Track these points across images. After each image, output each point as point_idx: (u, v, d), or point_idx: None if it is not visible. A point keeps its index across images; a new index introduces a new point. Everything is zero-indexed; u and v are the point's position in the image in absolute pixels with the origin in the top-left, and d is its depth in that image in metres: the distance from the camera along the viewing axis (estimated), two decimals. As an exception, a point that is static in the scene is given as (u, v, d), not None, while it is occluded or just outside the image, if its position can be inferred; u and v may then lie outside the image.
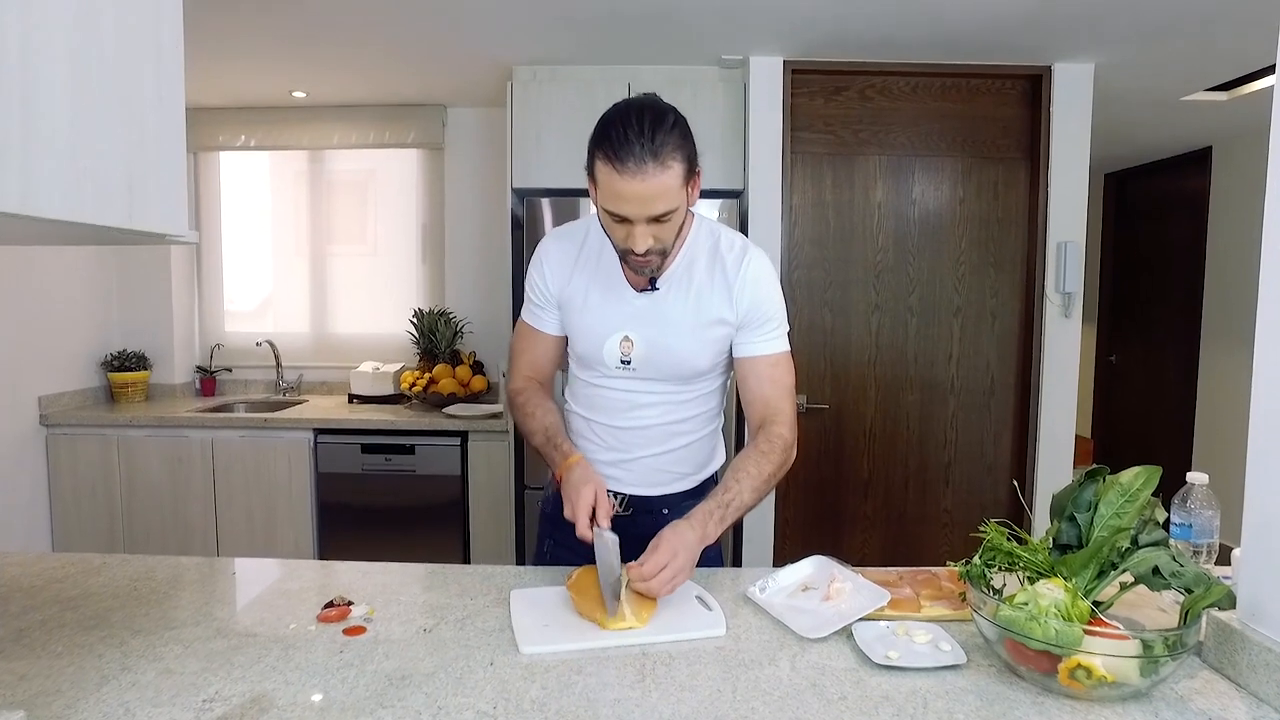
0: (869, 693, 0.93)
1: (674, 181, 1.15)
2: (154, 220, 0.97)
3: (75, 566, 1.32)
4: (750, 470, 1.26)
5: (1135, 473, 1.06)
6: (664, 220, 1.18)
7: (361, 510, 3.14)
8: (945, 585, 1.23)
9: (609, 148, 1.13)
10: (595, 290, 1.35)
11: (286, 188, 3.88)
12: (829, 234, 3.04)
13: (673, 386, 1.37)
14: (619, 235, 1.22)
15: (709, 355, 1.34)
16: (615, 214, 1.18)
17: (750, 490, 1.25)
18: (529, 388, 1.43)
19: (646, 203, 1.15)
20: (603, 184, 1.17)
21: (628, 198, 1.15)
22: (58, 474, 3.20)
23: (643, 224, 1.17)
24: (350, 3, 2.46)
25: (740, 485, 1.24)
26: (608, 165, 1.14)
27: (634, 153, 1.11)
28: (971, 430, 3.09)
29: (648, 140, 1.12)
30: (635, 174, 1.12)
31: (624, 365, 1.34)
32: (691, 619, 1.12)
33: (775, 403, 1.33)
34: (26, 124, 0.76)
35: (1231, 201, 4.11)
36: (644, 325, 1.32)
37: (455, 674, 0.96)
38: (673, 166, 1.14)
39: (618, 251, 1.27)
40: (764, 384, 1.34)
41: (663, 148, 1.13)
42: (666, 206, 1.16)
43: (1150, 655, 0.86)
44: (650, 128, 1.12)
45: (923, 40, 2.72)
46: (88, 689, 0.91)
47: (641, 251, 1.20)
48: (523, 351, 1.46)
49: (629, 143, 1.12)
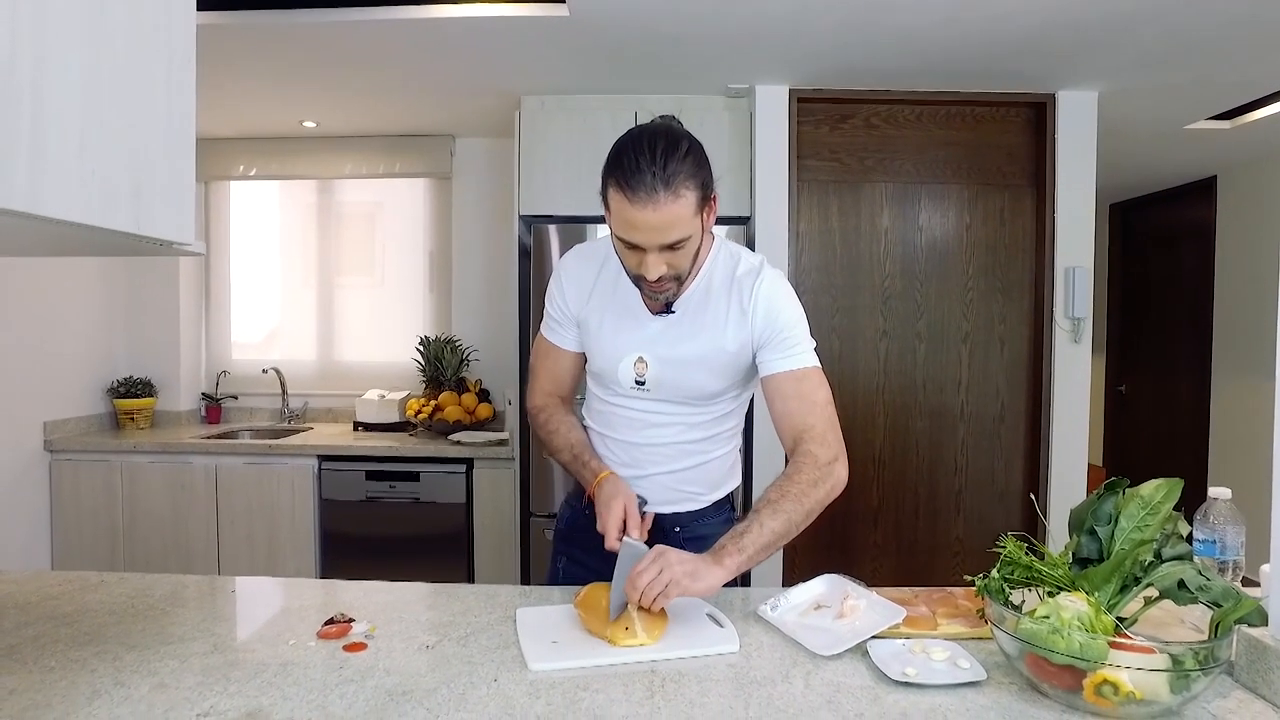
0: (886, 710, 0.89)
1: (686, 210, 1.13)
2: (160, 227, 0.97)
3: (72, 584, 1.30)
4: (770, 496, 1.18)
5: (1156, 485, 1.03)
6: (677, 248, 1.16)
7: (365, 537, 3.11)
8: (962, 603, 1.19)
9: (621, 176, 1.12)
10: (611, 311, 1.34)
11: (295, 218, 3.91)
12: (835, 261, 3.04)
13: (687, 408, 1.35)
14: (632, 262, 1.20)
15: (722, 379, 1.32)
16: (627, 241, 1.17)
17: (770, 515, 1.14)
18: (550, 404, 1.42)
19: (658, 231, 1.13)
20: (615, 211, 1.16)
21: (639, 226, 1.13)
22: (60, 500, 3.17)
23: (655, 252, 1.16)
24: (360, 34, 2.50)
25: (759, 514, 1.15)
26: (619, 193, 1.12)
27: (645, 181, 1.10)
28: (982, 457, 3.05)
29: (659, 169, 1.10)
30: (646, 203, 1.11)
31: (638, 386, 1.33)
32: (703, 635, 1.09)
33: (803, 419, 1.26)
34: (36, 124, 0.76)
35: (1238, 231, 4.11)
36: (658, 348, 1.31)
37: (458, 690, 0.93)
38: (685, 195, 1.12)
39: (631, 278, 1.25)
40: (789, 400, 1.27)
41: (675, 176, 1.11)
42: (679, 235, 1.15)
43: (1181, 669, 0.83)
44: (663, 155, 1.11)
45: (926, 69, 2.74)
46: (79, 703, 0.89)
47: (654, 279, 1.18)
48: (543, 368, 1.45)
49: (640, 171, 1.10)
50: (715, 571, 1.08)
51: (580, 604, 1.14)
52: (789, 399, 1.27)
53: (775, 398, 1.29)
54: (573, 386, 1.47)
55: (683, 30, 2.45)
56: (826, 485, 1.21)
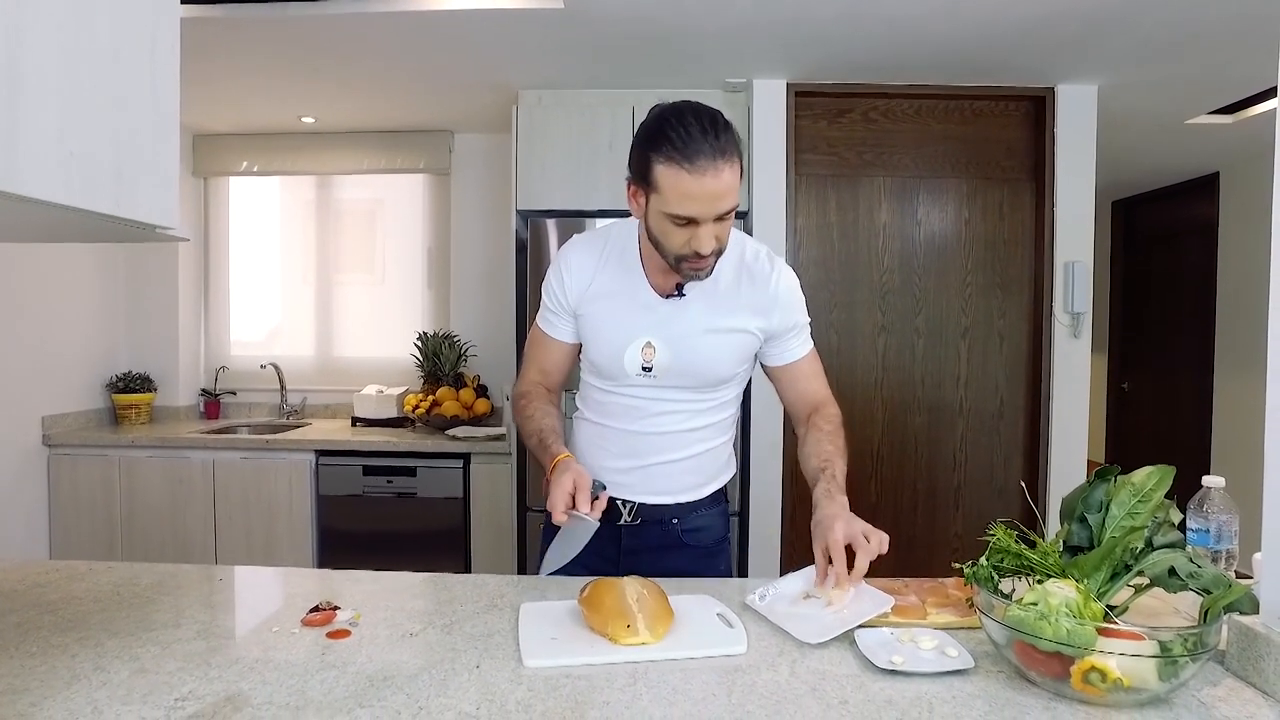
0: (872, 697, 0.88)
1: (736, 177, 1.14)
2: (142, 210, 0.96)
3: (60, 573, 1.29)
4: (830, 449, 1.31)
5: (1148, 472, 1.02)
6: (726, 219, 1.17)
7: (362, 532, 3.11)
8: (952, 593, 1.19)
9: (675, 149, 1.10)
10: (616, 297, 1.32)
11: (294, 214, 3.92)
12: (834, 255, 3.03)
13: (691, 395, 1.34)
14: (679, 240, 1.17)
15: (732, 362, 1.33)
16: (682, 216, 1.14)
17: (839, 459, 1.30)
18: (534, 392, 1.41)
19: (716, 200, 1.13)
20: (668, 187, 1.13)
21: (698, 197, 1.12)
22: (58, 494, 3.18)
23: (709, 224, 1.15)
24: (358, 29, 2.50)
25: (833, 462, 1.29)
26: (675, 167, 1.10)
27: (704, 150, 1.09)
28: (981, 453, 3.04)
29: (713, 138, 1.10)
30: (707, 170, 1.10)
31: (645, 372, 1.31)
32: (710, 636, 1.05)
33: (819, 392, 1.40)
34: (14, 102, 0.75)
35: (1241, 227, 4.09)
36: (668, 331, 1.30)
37: (439, 676, 0.92)
38: (736, 163, 1.13)
39: (671, 259, 1.21)
40: (807, 380, 1.40)
41: (728, 144, 1.12)
42: (731, 204, 1.15)
43: (1169, 655, 0.82)
44: (712, 124, 1.11)
45: (925, 62, 2.73)
46: (56, 687, 0.88)
47: (708, 253, 1.17)
48: (534, 358, 1.44)
49: (696, 140, 1.09)
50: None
51: (584, 601, 1.11)
52: (809, 379, 1.40)
53: (798, 378, 1.39)
54: (561, 379, 1.45)
55: (679, 24, 2.44)
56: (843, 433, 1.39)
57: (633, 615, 1.03)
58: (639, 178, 1.18)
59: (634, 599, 1.06)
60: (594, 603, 1.09)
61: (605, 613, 1.06)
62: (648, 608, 1.05)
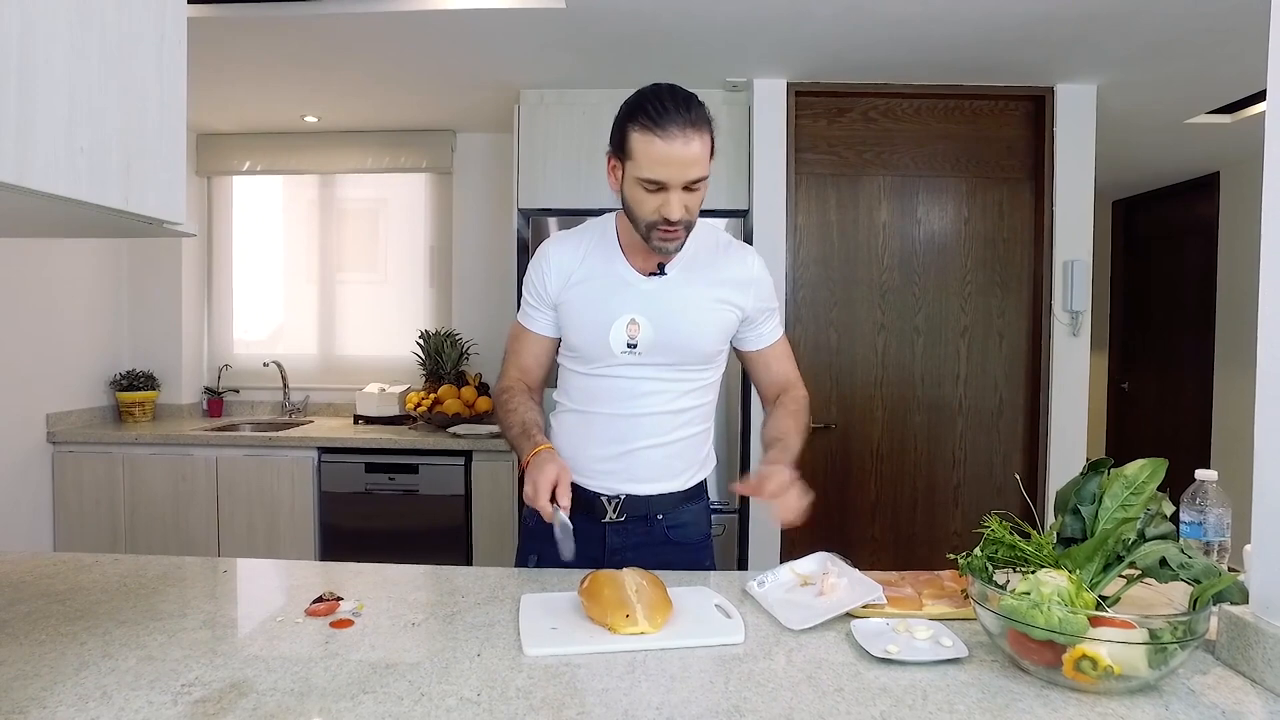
0: (866, 685, 0.90)
1: (706, 151, 1.24)
2: (151, 205, 0.97)
3: (66, 564, 1.31)
4: (789, 424, 1.41)
5: (1141, 465, 1.04)
6: (694, 189, 1.25)
7: (364, 529, 3.12)
8: (948, 585, 1.20)
9: (648, 117, 1.20)
10: (599, 280, 1.37)
11: (297, 213, 3.93)
12: (834, 254, 3.04)
13: (675, 373, 1.38)
14: (651, 205, 1.25)
15: (716, 336, 1.39)
16: (652, 181, 1.22)
17: (795, 435, 1.39)
18: (515, 387, 1.45)
19: (686, 166, 1.21)
20: (640, 153, 1.22)
21: (668, 161, 1.20)
22: (63, 491, 3.20)
23: (678, 190, 1.23)
24: (361, 28, 2.51)
25: (788, 437, 1.37)
26: (648, 133, 1.20)
27: (675, 119, 1.19)
28: (980, 451, 3.05)
29: (684, 110, 1.21)
30: (677, 137, 1.19)
31: (629, 349, 1.35)
32: (708, 626, 1.06)
33: (787, 374, 1.50)
34: (23, 96, 0.77)
35: (1241, 227, 4.10)
36: (652, 307, 1.35)
37: (441, 664, 0.94)
38: (706, 135, 1.23)
39: (642, 229, 1.29)
40: (781, 362, 1.50)
41: (699, 118, 1.22)
42: (699, 173, 1.24)
43: (1158, 642, 0.83)
44: (684, 100, 1.23)
45: (925, 61, 2.74)
46: (66, 673, 0.90)
47: (676, 219, 1.24)
48: (514, 353, 1.48)
49: (669, 111, 1.20)
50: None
51: (584, 592, 1.13)
52: (781, 360, 1.50)
53: (770, 361, 1.49)
54: (541, 375, 1.49)
55: (680, 23, 2.45)
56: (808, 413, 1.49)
57: (632, 605, 1.05)
58: (616, 149, 1.28)
59: (633, 590, 1.07)
60: (594, 593, 1.10)
61: (605, 603, 1.07)
62: (647, 598, 1.06)
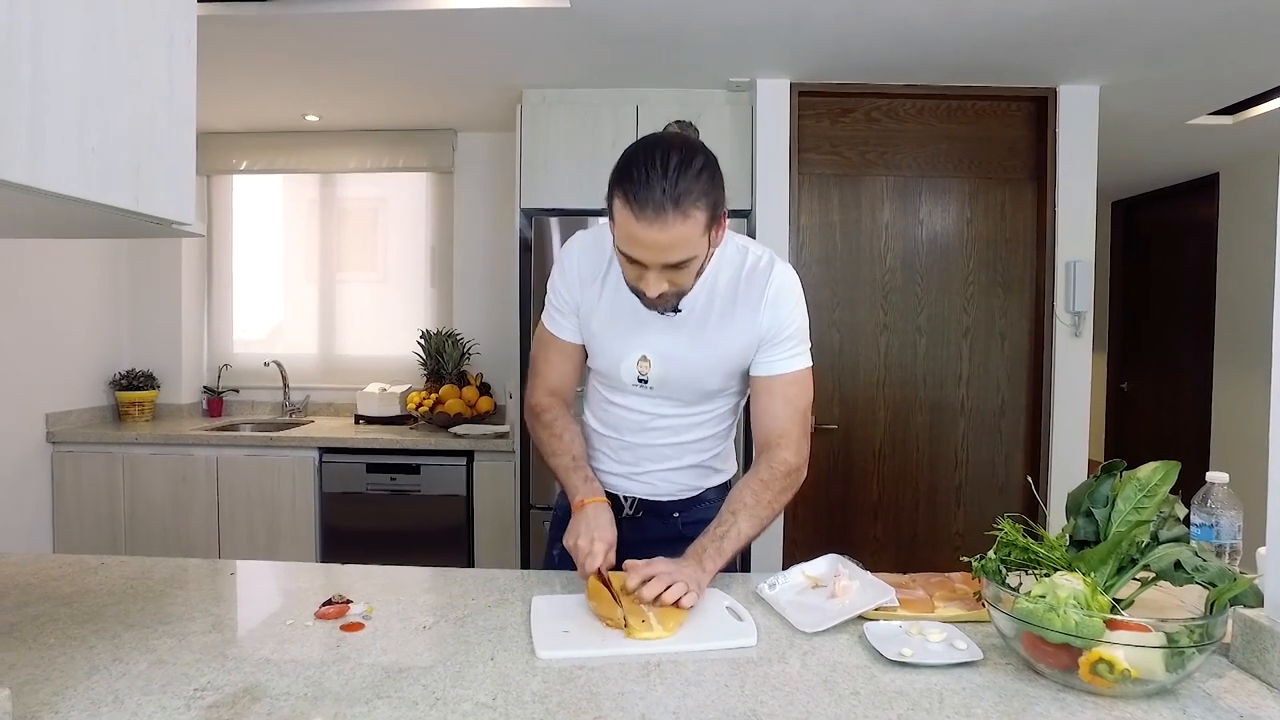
0: (882, 688, 0.89)
1: (693, 231, 1.08)
2: (160, 206, 0.97)
3: (73, 566, 1.30)
4: (748, 500, 1.23)
5: (1153, 467, 1.03)
6: (681, 267, 1.12)
7: (365, 530, 3.11)
8: (959, 587, 1.20)
9: (629, 188, 1.06)
10: (615, 307, 1.29)
11: (297, 212, 3.92)
12: (836, 254, 3.04)
13: (686, 408, 1.34)
14: (632, 275, 1.16)
15: (725, 378, 1.31)
16: (629, 257, 1.12)
17: (748, 520, 1.21)
18: (555, 406, 1.39)
19: (662, 251, 1.08)
20: (619, 224, 1.10)
21: (643, 243, 1.08)
22: (62, 491, 3.18)
23: (656, 270, 1.11)
24: (363, 28, 2.50)
25: (736, 518, 1.21)
26: (625, 207, 1.06)
27: (654, 198, 1.04)
28: (982, 451, 3.05)
29: (670, 185, 1.04)
30: (654, 221, 1.05)
31: (640, 384, 1.31)
32: (720, 629, 1.06)
33: (784, 424, 1.27)
34: (35, 97, 0.76)
35: (1241, 228, 4.10)
36: (662, 346, 1.28)
37: (454, 668, 0.93)
38: (694, 216, 1.06)
39: (630, 288, 1.20)
40: (776, 402, 1.28)
41: (686, 195, 1.05)
42: (684, 255, 1.10)
43: (1176, 646, 0.83)
44: (675, 171, 1.05)
45: (927, 62, 2.74)
46: (77, 677, 0.89)
47: (653, 296, 1.15)
48: (545, 363, 1.40)
49: (650, 186, 1.04)
50: (703, 577, 1.14)
51: (590, 597, 1.12)
52: (777, 400, 1.28)
53: (764, 395, 1.29)
54: (573, 386, 1.43)
55: (683, 23, 2.45)
56: (792, 491, 1.28)
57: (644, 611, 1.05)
58: (607, 203, 1.13)
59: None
60: (598, 595, 1.10)
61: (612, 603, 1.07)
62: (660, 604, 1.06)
